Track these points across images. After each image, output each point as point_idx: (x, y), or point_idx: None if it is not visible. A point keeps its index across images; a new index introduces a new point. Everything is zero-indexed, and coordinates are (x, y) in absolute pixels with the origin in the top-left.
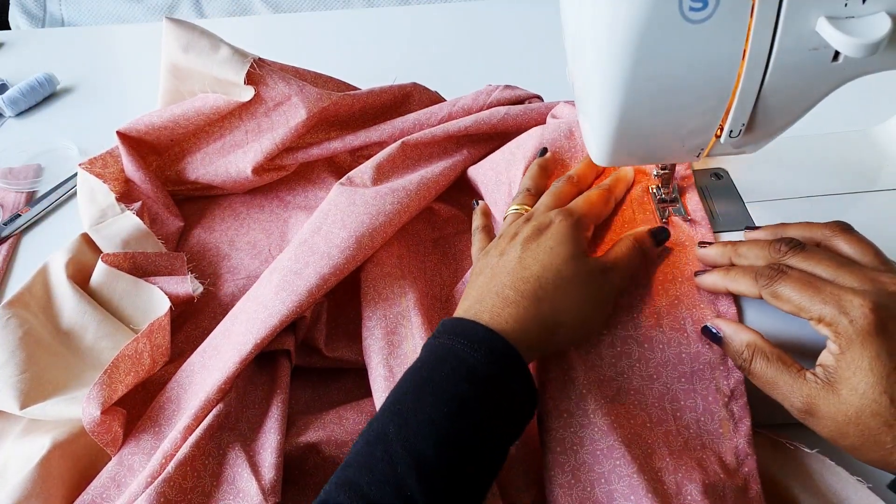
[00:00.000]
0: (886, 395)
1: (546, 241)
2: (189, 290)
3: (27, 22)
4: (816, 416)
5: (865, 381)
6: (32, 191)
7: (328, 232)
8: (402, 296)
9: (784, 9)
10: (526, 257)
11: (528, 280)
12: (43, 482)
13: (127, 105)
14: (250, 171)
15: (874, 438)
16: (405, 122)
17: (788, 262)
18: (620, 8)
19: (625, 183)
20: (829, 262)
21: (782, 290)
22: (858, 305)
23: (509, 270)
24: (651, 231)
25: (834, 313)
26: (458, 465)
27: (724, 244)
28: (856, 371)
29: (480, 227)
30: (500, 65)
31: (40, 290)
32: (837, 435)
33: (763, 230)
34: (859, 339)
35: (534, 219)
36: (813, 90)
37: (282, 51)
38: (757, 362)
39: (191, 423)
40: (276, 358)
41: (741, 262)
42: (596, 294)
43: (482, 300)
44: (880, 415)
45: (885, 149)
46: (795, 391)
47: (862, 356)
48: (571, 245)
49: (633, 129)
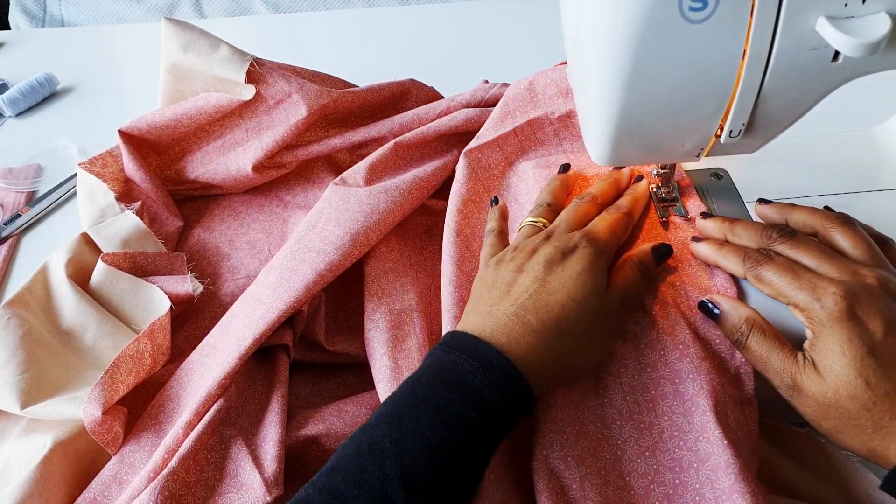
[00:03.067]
0: (862, 377)
1: (572, 266)
2: (189, 290)
3: (27, 22)
4: (801, 393)
5: (839, 364)
6: (32, 191)
7: (323, 230)
8: (405, 292)
9: (784, 9)
10: (551, 280)
11: (552, 308)
12: (45, 481)
13: (127, 105)
14: (250, 169)
15: (854, 422)
16: (404, 119)
17: (777, 249)
18: (620, 8)
19: (642, 203)
20: (815, 253)
21: (765, 273)
22: (831, 293)
23: (531, 292)
24: (654, 250)
25: (808, 299)
26: (448, 486)
27: (722, 219)
28: (829, 354)
29: (496, 230)
30: (499, 65)
31: (40, 290)
32: (820, 417)
33: (772, 207)
34: (829, 324)
35: (555, 238)
36: (813, 90)
37: (282, 51)
38: (754, 337)
39: (192, 419)
40: (274, 353)
41: (734, 240)
42: (611, 331)
43: (497, 320)
44: (857, 398)
45: (885, 149)
46: (786, 368)
47: (833, 340)
48: (597, 276)
49: (633, 129)
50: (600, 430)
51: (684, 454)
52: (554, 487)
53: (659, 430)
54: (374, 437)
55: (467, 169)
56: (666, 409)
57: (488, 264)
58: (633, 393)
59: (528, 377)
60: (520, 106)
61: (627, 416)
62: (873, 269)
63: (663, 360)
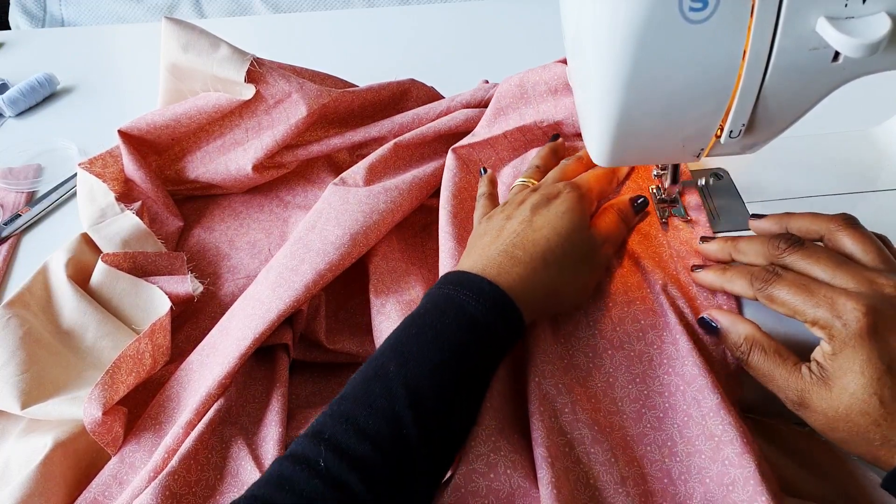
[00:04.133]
0: (876, 396)
1: (556, 207)
2: (189, 290)
3: (27, 22)
4: (809, 409)
5: (856, 383)
6: (32, 191)
7: (322, 229)
8: (411, 287)
9: (784, 9)
10: (536, 219)
11: (537, 242)
12: (45, 481)
13: (127, 105)
14: (250, 169)
15: (862, 435)
16: (404, 118)
17: (786, 261)
18: (620, 8)
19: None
20: (827, 262)
21: (777, 293)
22: (851, 309)
23: (518, 231)
24: (631, 199)
25: (827, 316)
26: (451, 405)
27: (724, 239)
28: (847, 372)
29: (486, 193)
30: (499, 65)
31: (40, 290)
32: (828, 429)
33: (768, 220)
34: (852, 342)
35: (542, 188)
36: (813, 90)
37: (282, 51)
38: (755, 355)
39: (192, 419)
40: (274, 352)
41: (741, 258)
42: (594, 265)
43: (488, 257)
44: (869, 414)
45: (885, 149)
46: (791, 385)
47: (854, 359)
48: (580, 214)
49: (633, 129)
50: (591, 360)
51: (672, 379)
52: (546, 411)
53: (648, 357)
54: (379, 364)
55: (457, 161)
56: (655, 338)
57: (481, 221)
58: (622, 324)
59: (518, 303)
60: (511, 103)
61: (618, 346)
62: (890, 276)
63: (653, 294)
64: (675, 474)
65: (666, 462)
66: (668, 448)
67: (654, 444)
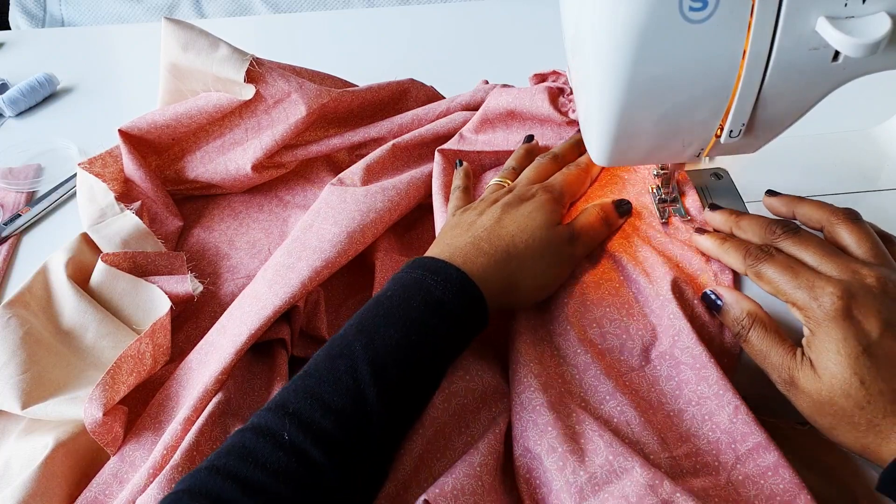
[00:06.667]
0: (856, 376)
1: (525, 207)
2: (189, 290)
3: (27, 22)
4: (797, 389)
5: (834, 362)
6: (32, 191)
7: (320, 228)
8: None
9: (784, 9)
10: (504, 218)
11: (502, 237)
12: (46, 481)
13: (127, 105)
14: (250, 169)
15: (848, 419)
16: (404, 119)
17: (780, 245)
18: (620, 8)
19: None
20: (816, 250)
21: (765, 270)
22: (829, 293)
23: (487, 227)
24: (615, 202)
25: (806, 298)
26: (413, 383)
27: (729, 212)
28: (825, 352)
29: (461, 186)
30: (499, 65)
31: (40, 290)
32: (816, 413)
33: (780, 199)
34: (825, 322)
35: (517, 189)
36: (813, 90)
37: (282, 51)
38: (755, 331)
39: (190, 415)
40: (272, 347)
41: (740, 234)
42: (559, 261)
43: (456, 247)
44: (852, 396)
45: (885, 149)
46: (784, 365)
47: (829, 339)
48: (547, 214)
49: (633, 129)
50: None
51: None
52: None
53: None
54: (344, 343)
55: (445, 160)
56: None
57: (455, 213)
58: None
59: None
60: (499, 118)
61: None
62: (875, 267)
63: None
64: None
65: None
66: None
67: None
